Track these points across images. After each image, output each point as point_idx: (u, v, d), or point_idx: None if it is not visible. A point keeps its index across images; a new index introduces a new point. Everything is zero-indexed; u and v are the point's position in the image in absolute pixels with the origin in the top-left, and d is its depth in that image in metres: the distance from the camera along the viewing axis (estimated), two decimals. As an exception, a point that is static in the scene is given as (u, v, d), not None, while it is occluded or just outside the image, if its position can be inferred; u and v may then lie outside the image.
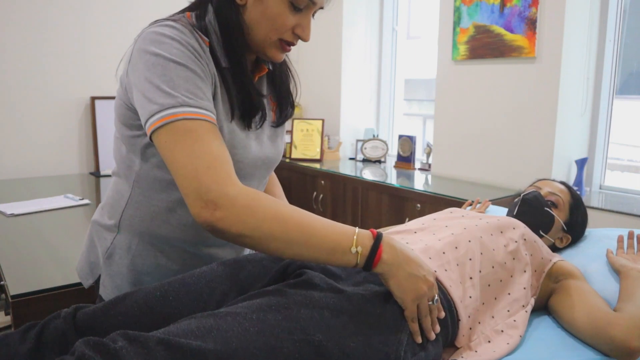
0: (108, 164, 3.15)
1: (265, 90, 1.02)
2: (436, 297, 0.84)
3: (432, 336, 0.84)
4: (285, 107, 1.05)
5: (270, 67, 1.02)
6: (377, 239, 0.79)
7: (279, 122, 1.04)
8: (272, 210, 0.76)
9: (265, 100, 0.99)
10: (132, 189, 0.96)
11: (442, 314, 0.87)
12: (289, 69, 1.06)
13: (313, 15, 0.93)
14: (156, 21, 0.90)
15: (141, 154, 0.92)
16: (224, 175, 0.76)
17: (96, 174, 3.07)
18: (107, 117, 3.16)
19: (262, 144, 1.00)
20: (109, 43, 3.18)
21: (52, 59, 3.01)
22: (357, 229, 0.80)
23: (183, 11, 0.96)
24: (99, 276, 1.01)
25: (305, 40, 0.92)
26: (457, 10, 2.74)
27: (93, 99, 3.13)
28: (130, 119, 0.90)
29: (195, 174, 0.74)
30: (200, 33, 0.88)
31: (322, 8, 0.93)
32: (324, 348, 0.72)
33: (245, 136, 0.94)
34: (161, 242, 0.97)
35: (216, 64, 0.89)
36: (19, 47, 2.89)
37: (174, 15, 0.94)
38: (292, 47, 0.93)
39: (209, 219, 0.74)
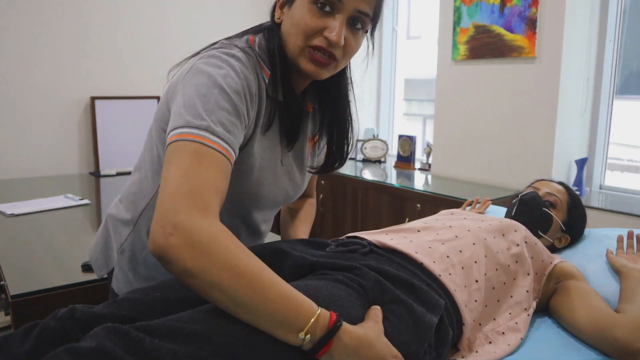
0: (108, 164, 3.15)
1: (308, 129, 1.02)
2: None
3: None
4: (333, 156, 1.02)
5: (316, 107, 1.01)
6: (331, 331, 0.68)
7: (322, 170, 1.04)
8: (229, 258, 0.66)
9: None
10: (157, 193, 0.95)
11: None
12: (350, 116, 1.01)
13: (360, 26, 0.86)
14: (224, 44, 0.89)
15: None
16: (202, 205, 0.69)
17: (96, 174, 3.07)
18: (107, 117, 3.16)
19: (291, 179, 1.02)
20: (109, 43, 3.18)
21: (52, 59, 3.01)
22: (319, 312, 0.68)
23: (246, 34, 0.95)
24: (112, 269, 1.04)
25: (332, 40, 0.83)
26: (457, 10, 2.74)
27: (93, 99, 3.13)
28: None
29: (175, 193, 0.69)
30: (263, 64, 0.88)
31: (362, 13, 0.84)
32: None
33: (280, 171, 0.97)
34: None
35: (273, 96, 0.89)
36: (19, 47, 2.89)
37: (240, 38, 0.93)
38: (326, 58, 0.86)
39: (161, 243, 0.66)
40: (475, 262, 0.99)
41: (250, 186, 0.93)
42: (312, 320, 0.67)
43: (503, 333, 0.96)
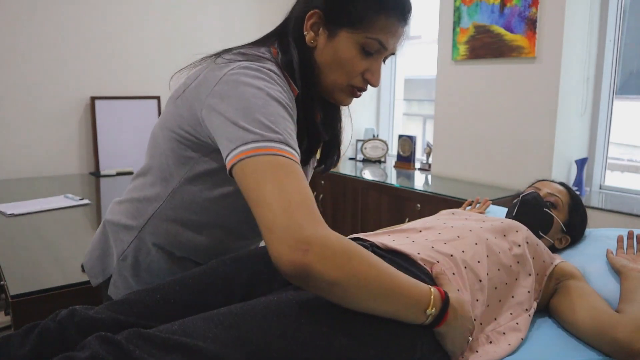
0: (108, 164, 3.15)
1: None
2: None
3: None
4: (332, 154, 1.04)
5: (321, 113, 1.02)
6: (445, 302, 0.77)
7: (325, 169, 1.05)
8: (367, 260, 0.71)
9: None
10: (165, 202, 0.94)
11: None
12: (341, 117, 1.04)
13: (384, 61, 0.92)
14: (250, 55, 0.87)
15: (189, 177, 0.91)
16: (316, 216, 0.69)
17: (96, 174, 3.07)
18: (107, 117, 3.16)
19: None
20: (109, 43, 3.18)
21: (53, 59, 3.00)
22: (432, 289, 0.77)
23: (265, 42, 0.94)
24: (110, 276, 1.01)
25: (374, 85, 0.91)
26: (457, 10, 2.74)
27: (93, 99, 3.13)
28: (190, 142, 0.88)
29: (287, 209, 0.67)
30: (290, 80, 0.88)
31: (393, 54, 0.92)
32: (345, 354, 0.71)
33: None
34: (180, 255, 0.98)
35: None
36: (19, 47, 2.89)
37: (260, 47, 0.92)
38: (362, 92, 0.92)
39: (301, 261, 0.65)
40: (478, 261, 0.99)
41: None
42: (432, 297, 0.75)
43: (504, 333, 0.96)
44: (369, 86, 0.94)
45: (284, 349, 0.69)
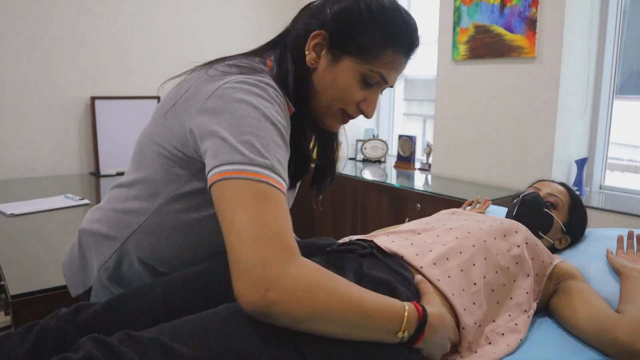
0: (108, 164, 3.15)
1: None
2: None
3: None
4: (325, 178, 1.02)
5: (316, 136, 1.00)
6: (422, 322, 0.76)
7: (318, 192, 1.04)
8: (333, 293, 0.68)
9: None
10: (150, 217, 0.90)
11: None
12: (337, 141, 1.02)
13: (381, 92, 0.91)
14: (245, 67, 0.83)
15: (177, 194, 0.88)
16: (288, 250, 0.66)
17: (96, 174, 3.07)
18: (107, 117, 3.16)
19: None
20: (109, 43, 3.18)
21: (52, 59, 3.00)
22: (406, 308, 0.75)
23: (259, 53, 0.91)
24: (90, 287, 0.98)
25: (367, 117, 0.90)
26: (457, 10, 2.74)
27: (93, 99, 3.13)
28: (178, 158, 0.85)
29: (256, 243, 0.65)
30: (287, 99, 0.84)
31: (391, 87, 0.91)
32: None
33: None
34: (163, 270, 0.95)
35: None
36: (19, 47, 2.89)
37: (255, 58, 0.89)
38: (350, 119, 0.91)
39: (259, 301, 0.63)
40: (474, 264, 0.99)
41: None
42: (405, 318, 0.74)
43: (502, 334, 0.96)
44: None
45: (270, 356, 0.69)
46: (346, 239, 1.06)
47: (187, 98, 0.83)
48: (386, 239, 1.05)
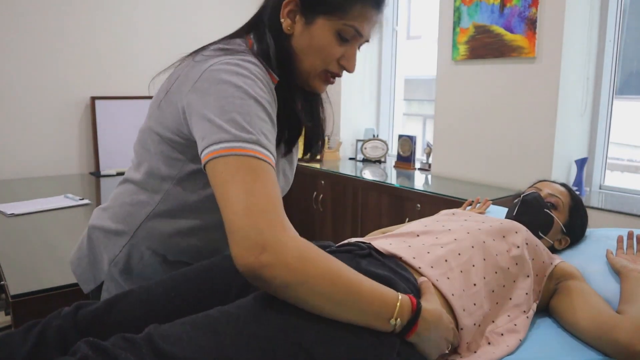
0: (108, 164, 3.15)
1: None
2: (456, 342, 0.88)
3: None
4: (315, 141, 1.05)
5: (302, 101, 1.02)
6: (416, 313, 0.77)
7: (311, 157, 1.06)
8: (323, 265, 0.71)
9: None
10: (158, 205, 0.95)
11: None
12: (322, 103, 1.05)
13: (359, 48, 0.93)
14: (228, 48, 0.87)
15: (180, 178, 0.92)
16: (279, 220, 0.70)
17: (96, 174, 3.07)
18: (107, 117, 3.16)
19: (285, 175, 1.02)
20: (109, 43, 3.18)
21: (53, 59, 3.01)
22: (400, 297, 0.76)
23: (240, 34, 0.95)
24: (102, 282, 1.00)
25: (349, 71, 0.93)
26: (457, 10, 2.74)
27: (93, 99, 3.13)
28: (176, 143, 0.89)
29: (248, 213, 0.69)
30: (269, 69, 0.88)
31: (367, 41, 0.93)
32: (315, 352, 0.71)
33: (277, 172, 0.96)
34: (173, 259, 0.98)
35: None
36: (19, 48, 2.89)
37: (235, 40, 0.93)
38: (335, 78, 0.94)
39: (253, 263, 0.67)
40: (473, 265, 0.99)
41: None
42: (398, 304, 0.75)
43: (502, 334, 0.96)
44: (368, 85, 0.94)
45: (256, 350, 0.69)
46: (344, 242, 1.06)
47: (178, 85, 0.87)
48: (384, 241, 1.05)
